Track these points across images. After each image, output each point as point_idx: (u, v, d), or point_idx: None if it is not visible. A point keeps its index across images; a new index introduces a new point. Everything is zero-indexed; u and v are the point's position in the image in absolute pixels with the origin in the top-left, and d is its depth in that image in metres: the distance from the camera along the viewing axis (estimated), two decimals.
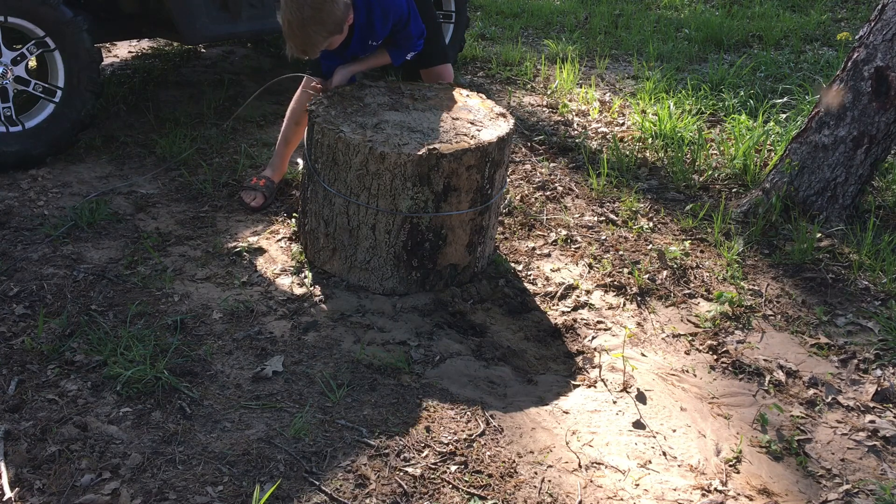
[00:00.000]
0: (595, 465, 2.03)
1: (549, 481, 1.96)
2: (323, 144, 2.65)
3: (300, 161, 3.71)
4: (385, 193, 2.57)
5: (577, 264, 3.01)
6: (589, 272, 2.96)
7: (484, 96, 3.03)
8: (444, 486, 1.92)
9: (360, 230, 2.65)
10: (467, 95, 3.05)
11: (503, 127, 2.76)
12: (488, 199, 2.73)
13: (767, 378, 2.43)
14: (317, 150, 2.70)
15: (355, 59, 3.08)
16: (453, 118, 2.80)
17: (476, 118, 2.82)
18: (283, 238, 3.02)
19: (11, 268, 2.68)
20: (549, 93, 4.89)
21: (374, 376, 2.29)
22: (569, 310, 2.73)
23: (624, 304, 2.78)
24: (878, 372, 2.48)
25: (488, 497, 1.90)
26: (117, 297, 2.58)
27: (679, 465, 2.06)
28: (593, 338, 2.60)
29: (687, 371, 2.45)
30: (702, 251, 3.14)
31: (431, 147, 2.53)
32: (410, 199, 2.57)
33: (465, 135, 2.66)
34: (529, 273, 2.93)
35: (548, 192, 3.55)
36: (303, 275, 2.79)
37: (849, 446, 2.18)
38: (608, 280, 2.90)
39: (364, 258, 2.68)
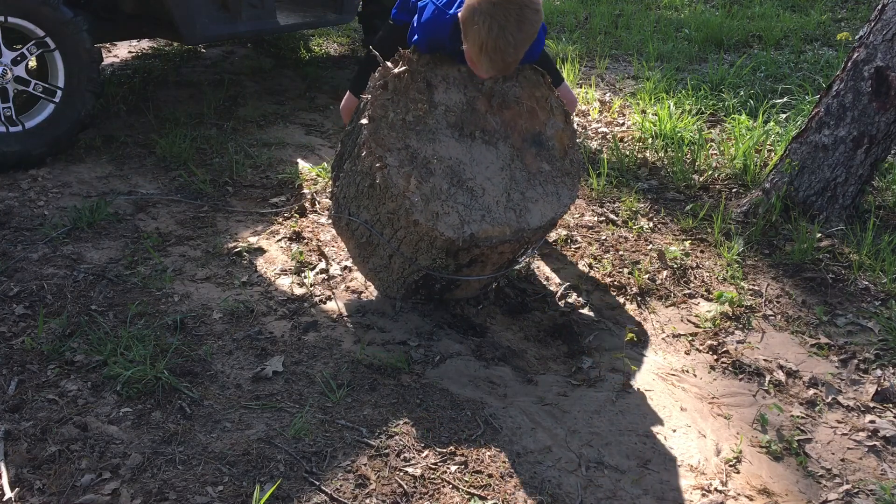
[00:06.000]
0: (595, 465, 2.03)
1: (549, 481, 1.96)
2: (366, 161, 2.33)
3: (300, 161, 3.71)
4: (409, 243, 2.36)
5: (577, 264, 3.01)
6: (589, 272, 2.96)
7: (569, 114, 2.56)
8: (444, 486, 1.92)
9: (377, 251, 2.50)
10: (551, 110, 2.52)
11: (563, 198, 2.41)
12: (515, 264, 2.59)
13: (767, 378, 2.43)
14: (359, 162, 2.37)
15: None
16: (513, 169, 2.39)
17: (540, 170, 2.43)
18: (283, 238, 3.02)
19: (11, 268, 2.68)
20: None
21: (374, 376, 2.29)
22: (569, 310, 2.72)
23: (624, 304, 2.78)
24: (878, 372, 2.48)
25: (488, 497, 1.90)
26: (117, 297, 2.58)
27: (679, 465, 2.06)
28: (593, 338, 2.59)
29: (687, 371, 2.46)
30: (702, 251, 3.14)
31: (466, 234, 2.26)
32: (432, 259, 2.39)
33: (514, 210, 2.33)
34: (529, 273, 2.93)
35: None
36: (303, 275, 2.79)
37: (849, 446, 2.18)
38: (608, 280, 2.90)
39: (374, 268, 2.59)
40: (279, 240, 3.01)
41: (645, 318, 2.71)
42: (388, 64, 2.40)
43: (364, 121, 2.32)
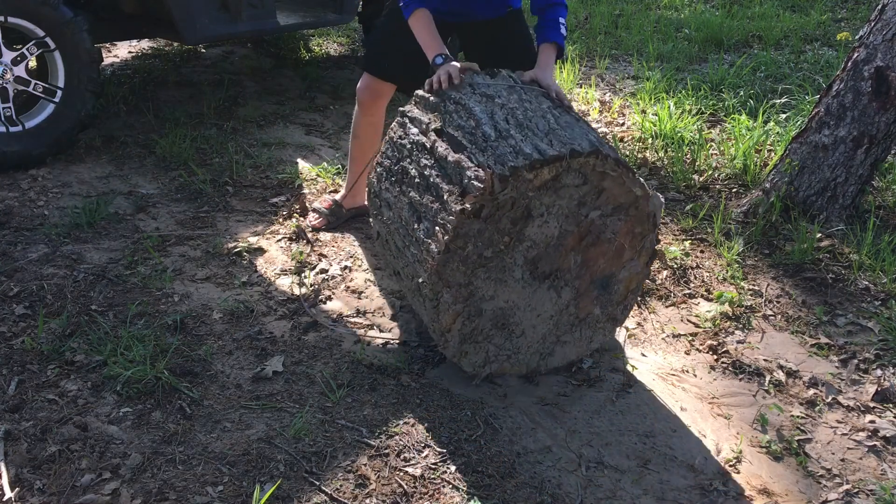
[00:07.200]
0: (595, 465, 2.03)
1: (549, 481, 1.96)
2: (418, 277, 2.07)
3: (300, 161, 3.71)
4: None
5: None
6: None
7: (655, 256, 2.33)
8: (444, 486, 1.92)
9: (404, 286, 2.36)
10: (640, 251, 2.25)
11: (592, 343, 2.35)
12: None
13: (767, 378, 2.43)
14: (410, 255, 2.10)
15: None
16: (563, 315, 2.24)
17: (589, 314, 2.28)
18: (283, 238, 3.02)
19: (11, 268, 2.68)
20: None
21: (374, 376, 2.29)
22: None
23: None
24: (878, 372, 2.48)
25: (488, 497, 1.90)
26: (117, 297, 2.58)
27: (679, 465, 2.06)
28: None
29: (687, 371, 2.45)
30: (702, 251, 3.14)
31: (483, 374, 2.26)
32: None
33: (539, 353, 2.29)
34: None
35: None
36: (303, 275, 2.79)
37: (849, 446, 2.18)
38: None
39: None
40: (279, 240, 3.01)
41: (645, 318, 2.71)
42: (496, 183, 1.90)
43: (434, 244, 1.99)
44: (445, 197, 2.00)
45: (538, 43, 2.53)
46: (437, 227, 2.00)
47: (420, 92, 2.37)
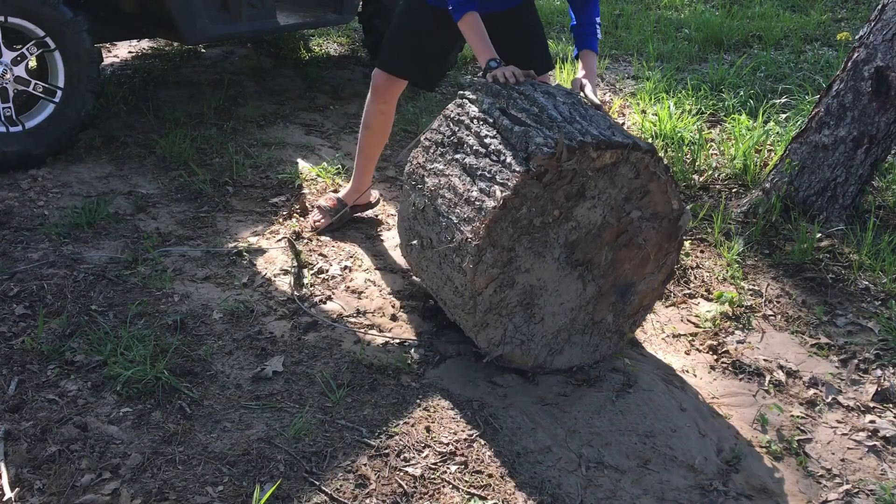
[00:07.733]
0: (595, 465, 2.03)
1: (549, 481, 1.96)
2: (465, 236, 2.09)
3: (300, 161, 3.71)
4: (448, 307, 2.35)
5: None
6: None
7: (672, 276, 2.41)
8: (444, 486, 1.92)
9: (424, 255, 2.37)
10: (661, 267, 2.34)
11: (596, 353, 2.39)
12: None
13: (767, 378, 2.43)
14: (454, 212, 2.15)
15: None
16: (580, 313, 2.29)
17: (602, 320, 2.33)
18: (284, 238, 3.02)
19: (11, 268, 2.68)
20: None
21: (374, 376, 2.29)
22: None
23: None
24: (878, 372, 2.48)
25: (488, 497, 1.90)
26: (117, 297, 2.57)
27: (679, 465, 2.06)
28: None
29: (687, 371, 2.45)
30: (702, 251, 3.14)
31: (495, 354, 2.25)
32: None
33: (549, 348, 2.30)
34: None
35: None
36: (303, 275, 2.79)
37: (849, 446, 2.18)
38: None
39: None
40: (279, 240, 3.01)
41: (645, 318, 2.71)
42: (565, 151, 1.99)
43: (491, 200, 2.03)
44: (508, 159, 2.07)
45: (578, 49, 2.59)
46: (495, 186, 2.05)
47: (481, 79, 2.41)
